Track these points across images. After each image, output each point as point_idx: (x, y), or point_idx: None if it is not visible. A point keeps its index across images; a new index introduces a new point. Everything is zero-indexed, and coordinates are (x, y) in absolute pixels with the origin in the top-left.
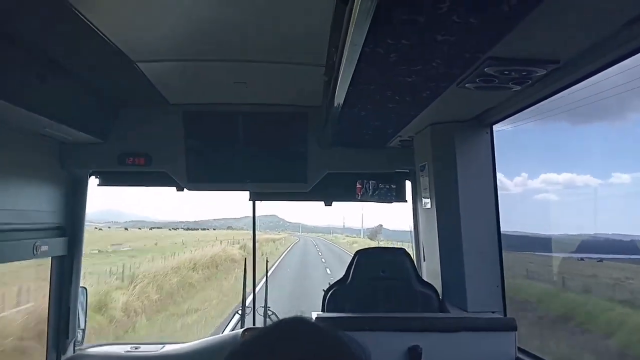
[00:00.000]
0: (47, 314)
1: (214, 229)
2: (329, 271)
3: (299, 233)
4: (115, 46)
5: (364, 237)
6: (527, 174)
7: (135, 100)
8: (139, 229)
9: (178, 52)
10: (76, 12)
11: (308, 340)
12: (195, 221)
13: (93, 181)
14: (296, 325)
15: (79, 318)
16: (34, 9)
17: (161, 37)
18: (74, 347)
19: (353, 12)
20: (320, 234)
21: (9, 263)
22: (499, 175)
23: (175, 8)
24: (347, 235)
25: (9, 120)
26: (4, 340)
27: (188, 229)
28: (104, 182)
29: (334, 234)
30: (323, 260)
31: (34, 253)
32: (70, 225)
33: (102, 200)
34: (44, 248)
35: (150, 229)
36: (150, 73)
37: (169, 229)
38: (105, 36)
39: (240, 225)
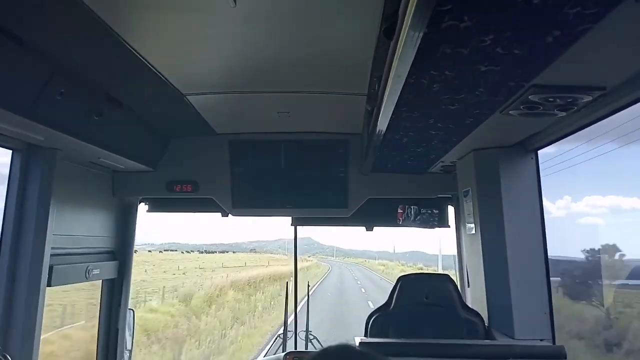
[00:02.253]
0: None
1: (222, 252)
2: None
3: (332, 258)
4: (166, 80)
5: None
6: (571, 196)
7: (184, 131)
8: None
9: (225, 84)
10: (131, 49)
11: None
12: (229, 244)
13: (142, 208)
14: (343, 352)
15: (126, 340)
16: (93, 47)
17: (209, 71)
18: None
19: (398, 45)
20: (359, 260)
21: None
22: None
23: (222, 44)
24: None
25: (67, 151)
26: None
27: (205, 251)
28: (153, 208)
29: (380, 260)
30: None
31: (86, 276)
32: (120, 250)
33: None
34: (96, 271)
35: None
36: (198, 105)
37: (182, 252)
38: (158, 71)
39: (274, 248)
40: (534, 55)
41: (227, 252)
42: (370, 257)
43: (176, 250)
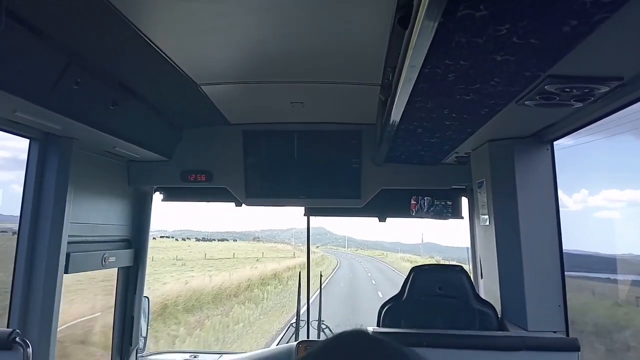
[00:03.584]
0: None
1: (221, 240)
2: None
3: (344, 249)
4: (181, 70)
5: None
6: (588, 190)
7: (198, 121)
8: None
9: (239, 75)
10: (146, 39)
11: (370, 353)
12: (241, 232)
13: (157, 197)
14: (357, 338)
15: (141, 326)
16: (108, 37)
17: (223, 61)
18: (137, 354)
19: (413, 35)
20: (376, 253)
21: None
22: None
23: (236, 33)
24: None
25: (83, 140)
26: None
27: (202, 239)
28: (168, 197)
29: (404, 253)
30: None
31: (102, 264)
32: (136, 238)
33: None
34: (112, 259)
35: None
36: (212, 95)
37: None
38: (172, 61)
39: (287, 237)
40: (551, 45)
41: (227, 240)
42: (387, 249)
43: (170, 238)
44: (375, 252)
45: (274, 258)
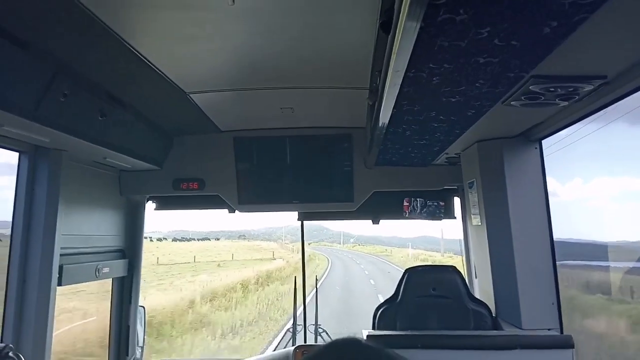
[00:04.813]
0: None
1: (199, 240)
2: None
3: (339, 246)
4: (168, 79)
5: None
6: (580, 178)
7: (189, 129)
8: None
9: (227, 82)
10: (132, 49)
11: None
12: (237, 231)
13: (150, 206)
14: (349, 346)
15: (137, 336)
16: (94, 48)
17: (211, 69)
18: None
19: (395, 40)
20: (378, 250)
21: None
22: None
23: (223, 41)
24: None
25: (73, 151)
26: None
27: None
28: (160, 206)
29: (415, 248)
30: None
31: (96, 275)
32: (129, 248)
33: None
34: (106, 270)
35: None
36: (202, 103)
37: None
38: (160, 70)
39: (282, 234)
40: (532, 46)
41: (208, 239)
42: (390, 244)
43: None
44: (377, 249)
45: (247, 261)
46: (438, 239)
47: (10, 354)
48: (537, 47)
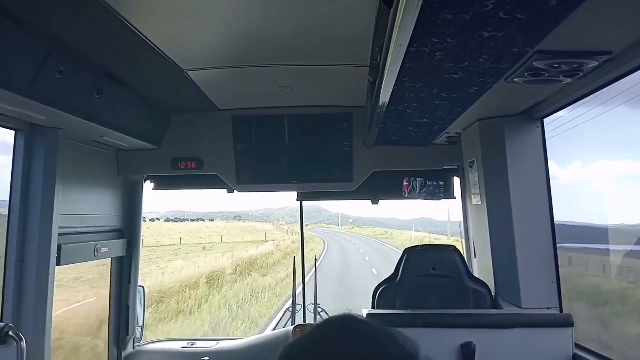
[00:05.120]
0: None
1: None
2: None
3: (337, 228)
4: (166, 56)
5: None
6: (580, 161)
7: (187, 108)
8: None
9: (225, 59)
10: (128, 24)
11: (357, 335)
12: (235, 212)
13: (148, 185)
14: (345, 321)
15: (137, 316)
16: (90, 24)
17: (209, 45)
18: (134, 343)
19: (398, 13)
20: (378, 232)
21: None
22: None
23: (220, 17)
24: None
25: (70, 130)
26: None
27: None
28: (159, 186)
29: (419, 231)
30: None
31: (95, 255)
32: (128, 227)
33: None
34: (104, 250)
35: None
36: (199, 81)
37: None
38: (157, 47)
39: (282, 215)
40: (538, 20)
41: (202, 220)
42: (390, 227)
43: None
44: (377, 231)
45: (238, 244)
46: (438, 221)
47: (11, 333)
48: (543, 20)
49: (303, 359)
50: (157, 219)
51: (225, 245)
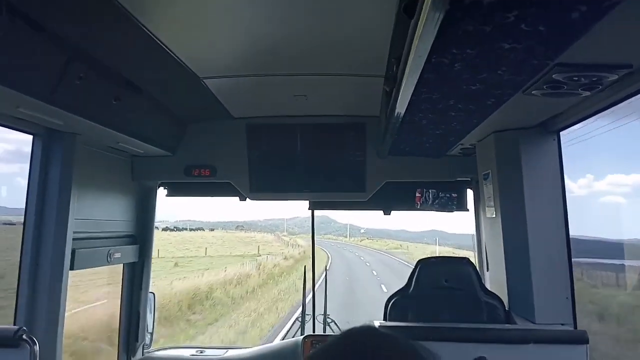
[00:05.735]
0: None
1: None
2: None
3: (345, 239)
4: (183, 64)
5: None
6: (593, 175)
7: (202, 115)
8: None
9: (242, 68)
10: (148, 32)
11: (381, 349)
12: (244, 221)
13: (161, 192)
14: (367, 334)
15: (147, 322)
16: (109, 32)
17: (226, 54)
18: (143, 350)
19: (419, 24)
20: (392, 245)
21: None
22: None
23: (238, 26)
24: None
25: (86, 136)
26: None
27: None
28: (172, 192)
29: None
30: None
31: (107, 260)
32: (141, 233)
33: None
34: (117, 255)
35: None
36: (215, 89)
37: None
38: (174, 55)
39: (289, 225)
40: (559, 32)
41: (202, 229)
42: (404, 239)
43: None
44: (390, 244)
45: (222, 258)
46: (449, 233)
47: (24, 336)
48: (564, 33)
49: None
50: (155, 227)
51: (206, 260)
